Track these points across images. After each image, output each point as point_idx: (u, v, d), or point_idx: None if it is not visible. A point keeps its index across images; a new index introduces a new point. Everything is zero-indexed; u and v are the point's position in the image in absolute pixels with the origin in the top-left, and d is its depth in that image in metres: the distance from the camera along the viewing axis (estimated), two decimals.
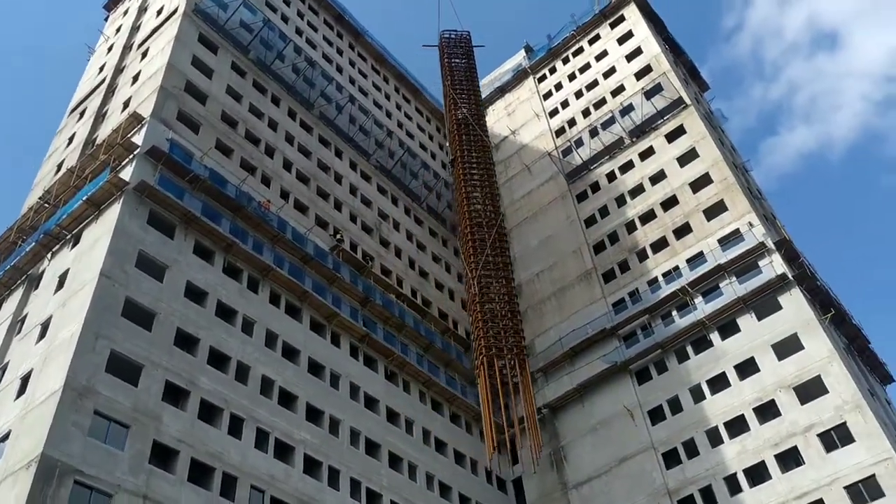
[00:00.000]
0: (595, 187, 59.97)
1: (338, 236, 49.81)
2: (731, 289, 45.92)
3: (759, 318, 44.24)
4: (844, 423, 38.02)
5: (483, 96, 76.25)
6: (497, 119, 73.95)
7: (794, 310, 43.16)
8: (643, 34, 66.11)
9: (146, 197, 37.07)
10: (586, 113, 65.64)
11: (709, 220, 50.78)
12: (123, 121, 41.93)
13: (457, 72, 55.58)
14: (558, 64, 72.35)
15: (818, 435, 38.53)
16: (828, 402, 39.16)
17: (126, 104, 46.38)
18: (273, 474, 33.86)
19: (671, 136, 57.28)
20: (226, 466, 32.06)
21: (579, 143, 63.19)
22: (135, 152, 38.96)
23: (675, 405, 44.83)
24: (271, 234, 42.86)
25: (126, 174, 37.62)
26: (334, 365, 41.90)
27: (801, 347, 41.64)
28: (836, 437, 38.08)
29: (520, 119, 71.34)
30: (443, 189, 66.55)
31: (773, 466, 39.25)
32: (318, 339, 42.16)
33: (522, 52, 77.87)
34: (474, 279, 42.62)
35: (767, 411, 41.12)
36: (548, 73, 72.83)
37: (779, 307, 43.88)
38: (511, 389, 45.00)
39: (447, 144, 74.64)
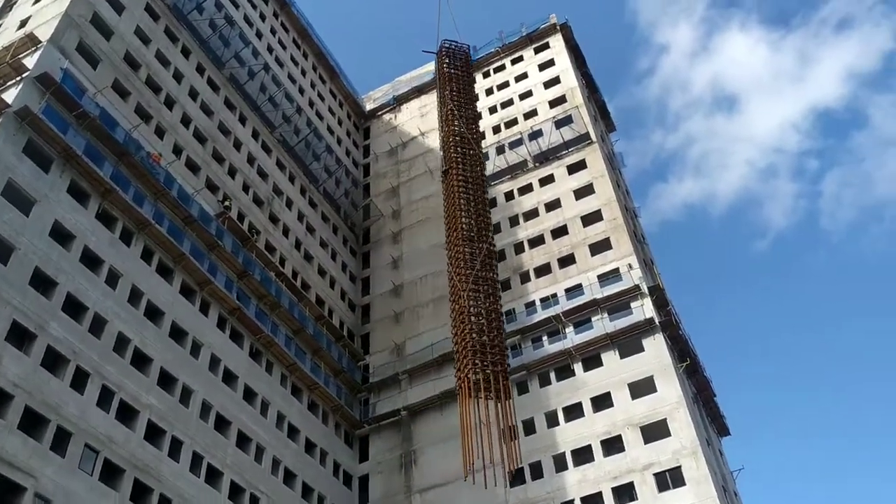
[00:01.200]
0: (492, 204, 60.61)
1: (226, 203, 48.31)
2: (602, 324, 47.63)
3: (622, 357, 46.09)
4: (680, 467, 40.11)
5: (399, 93, 76.42)
6: (410, 118, 73.92)
7: (655, 354, 45.21)
8: (564, 65, 67.75)
9: (27, 124, 34.71)
10: (497, 130, 66.59)
11: (593, 255, 52.50)
12: (17, 40, 39.07)
13: (453, 82, 56.01)
14: (479, 76, 72.97)
15: (654, 474, 40.47)
16: (669, 444, 41.21)
17: (24, 23, 43.27)
18: (111, 436, 32.37)
19: (572, 169, 58.92)
20: (62, 420, 30.41)
21: (484, 157, 63.84)
22: (23, 75, 36.43)
23: (530, 427, 46.01)
24: (156, 188, 41.04)
25: (9, 96, 35.10)
26: (198, 333, 40.55)
27: (655, 390, 43.66)
28: (669, 479, 40.11)
29: (430, 122, 71.51)
30: (343, 176, 65.84)
31: (608, 498, 40.91)
32: (186, 304, 40.70)
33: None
34: (465, 292, 43.15)
35: (613, 445, 42.84)
36: None
37: (641, 349, 45.86)
38: (492, 406, 44.44)
39: (361, 137, 74.02)
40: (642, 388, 44.13)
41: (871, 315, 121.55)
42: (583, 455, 43.31)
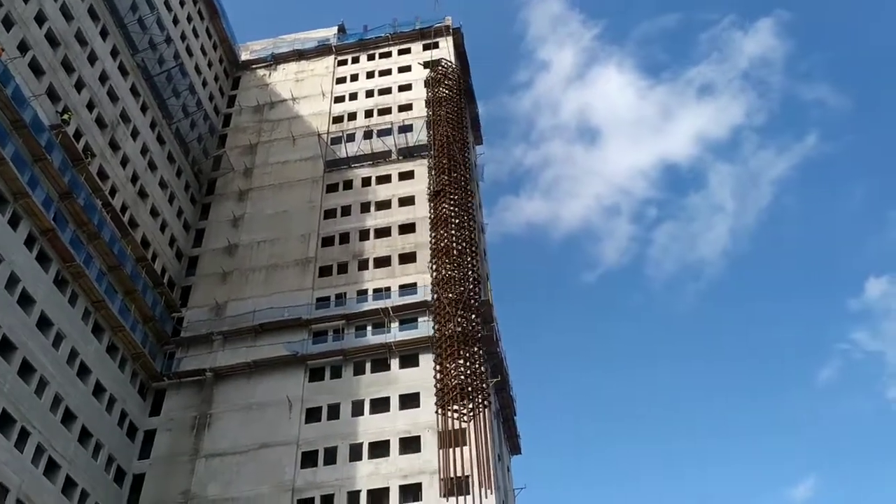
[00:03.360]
0: (348, 185, 60.25)
1: (65, 117, 44.65)
2: (426, 326, 48.32)
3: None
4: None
5: (280, 51, 74.05)
6: (284, 79, 71.72)
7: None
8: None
9: None
10: (369, 114, 66.03)
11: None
12: None
13: (449, 105, 55.26)
14: (363, 57, 72.22)
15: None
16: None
17: None
18: None
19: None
20: None
21: (351, 138, 63.26)
22: None
23: (334, 412, 45.82)
24: None
25: None
26: (1, 246, 37.06)
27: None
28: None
29: (306, 90, 69.85)
30: (200, 121, 62.80)
31: (394, 495, 41.47)
32: None
33: (335, 30, 76.67)
34: (456, 316, 42.98)
35: (410, 445, 43.51)
36: (350, 61, 72.34)
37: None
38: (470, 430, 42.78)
39: (229, 85, 70.86)
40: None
41: (672, 361, 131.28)
42: (380, 449, 43.65)
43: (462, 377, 41.90)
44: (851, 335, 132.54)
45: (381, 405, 45.71)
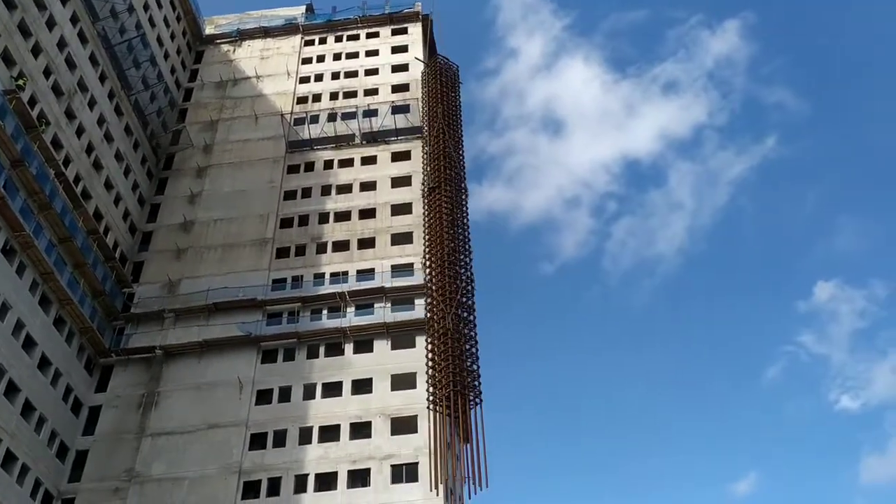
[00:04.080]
0: (309, 167, 59.70)
1: (20, 82, 43.35)
2: (382, 312, 48.25)
3: (393, 348, 46.95)
4: (416, 464, 41.49)
5: (246, 27, 72.93)
6: (249, 56, 70.64)
7: (423, 353, 46.38)
8: (416, 55, 67.96)
9: None
10: (334, 96, 65.42)
11: (393, 244, 52.98)
12: None
13: (446, 102, 54.67)
14: (331, 38, 71.49)
15: (392, 465, 41.57)
16: (413, 440, 42.50)
17: None
18: None
19: (397, 157, 59.18)
20: None
21: (315, 120, 62.66)
22: None
23: (285, 394, 45.56)
24: None
25: None
26: None
27: (415, 387, 44.80)
28: (404, 473, 41.39)
29: (270, 68, 68.90)
30: (161, 94, 61.50)
31: (342, 479, 41.41)
32: None
33: (303, 9, 75.71)
34: (450, 314, 42.72)
35: (361, 430, 43.48)
36: (317, 41, 71.54)
37: (413, 345, 46.91)
38: (462, 428, 42.11)
39: (191, 59, 69.55)
40: (404, 382, 45.18)
41: (625, 355, 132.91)
42: (330, 433, 43.52)
43: (456, 373, 41.89)
44: (798, 338, 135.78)
45: (333, 389, 45.56)
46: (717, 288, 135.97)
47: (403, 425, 43.29)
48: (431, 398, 42.04)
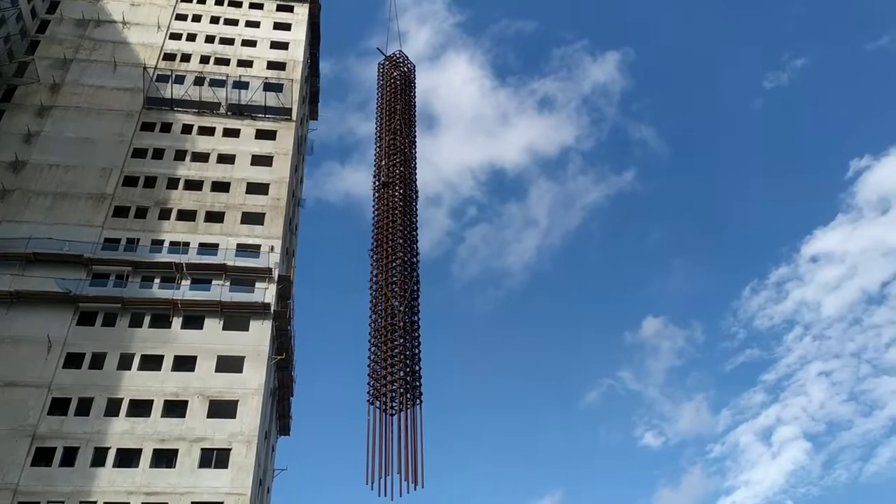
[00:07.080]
0: (166, 128, 56.57)
1: None
2: (219, 290, 46.41)
3: (225, 329, 45.21)
4: (229, 450, 40.02)
5: None
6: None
7: (256, 338, 45.04)
8: (298, 36, 66.35)
9: None
10: (205, 60, 62.48)
11: (242, 223, 51.15)
12: None
13: (405, 99, 51.73)
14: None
15: (203, 449, 39.86)
16: (229, 426, 40.99)
17: None
18: None
19: (261, 135, 57.33)
20: None
21: (179, 80, 59.50)
22: None
23: (98, 361, 42.66)
24: None
25: None
26: None
27: (240, 371, 43.33)
28: (214, 458, 39.78)
29: (140, 17, 64.91)
30: (13, 20, 56.34)
31: (145, 458, 39.18)
32: None
33: None
34: (401, 311, 40.89)
35: (175, 409, 41.43)
36: (196, 0, 68.24)
37: (246, 328, 45.41)
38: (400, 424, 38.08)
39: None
40: (230, 364, 43.57)
41: (458, 363, 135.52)
42: (141, 408, 41.17)
43: (399, 372, 40.34)
44: (618, 372, 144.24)
45: (152, 362, 43.16)
46: (555, 309, 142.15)
47: (222, 409, 41.69)
48: (374, 393, 39.99)
